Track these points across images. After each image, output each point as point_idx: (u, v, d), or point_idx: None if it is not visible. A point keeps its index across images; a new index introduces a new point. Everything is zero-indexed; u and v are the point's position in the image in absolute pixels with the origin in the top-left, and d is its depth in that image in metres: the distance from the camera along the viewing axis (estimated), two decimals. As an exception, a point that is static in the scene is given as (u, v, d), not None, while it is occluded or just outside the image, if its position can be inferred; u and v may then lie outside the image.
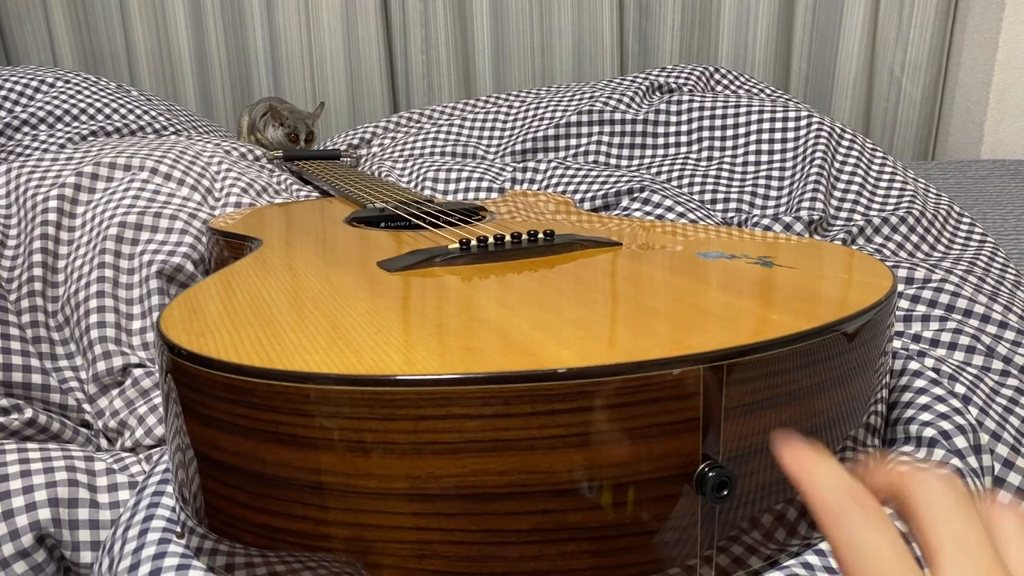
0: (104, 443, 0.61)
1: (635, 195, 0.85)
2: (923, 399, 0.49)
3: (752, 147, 0.98)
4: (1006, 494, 0.48)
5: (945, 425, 0.47)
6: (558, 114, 1.10)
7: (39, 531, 0.47)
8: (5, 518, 0.47)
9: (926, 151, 1.83)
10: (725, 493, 0.33)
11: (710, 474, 0.33)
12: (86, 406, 0.62)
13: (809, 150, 0.93)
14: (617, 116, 1.05)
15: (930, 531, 0.25)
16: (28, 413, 0.56)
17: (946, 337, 0.60)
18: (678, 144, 1.02)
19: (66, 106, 1.11)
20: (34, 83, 1.14)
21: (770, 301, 0.41)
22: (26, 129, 1.08)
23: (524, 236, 0.53)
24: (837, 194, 0.89)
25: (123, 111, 1.14)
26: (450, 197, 0.96)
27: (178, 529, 0.41)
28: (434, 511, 0.32)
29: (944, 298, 0.64)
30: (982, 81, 1.74)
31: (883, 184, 0.91)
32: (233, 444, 0.35)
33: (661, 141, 1.03)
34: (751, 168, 0.96)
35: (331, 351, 0.34)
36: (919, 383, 0.51)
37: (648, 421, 0.32)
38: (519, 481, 0.32)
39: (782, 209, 0.89)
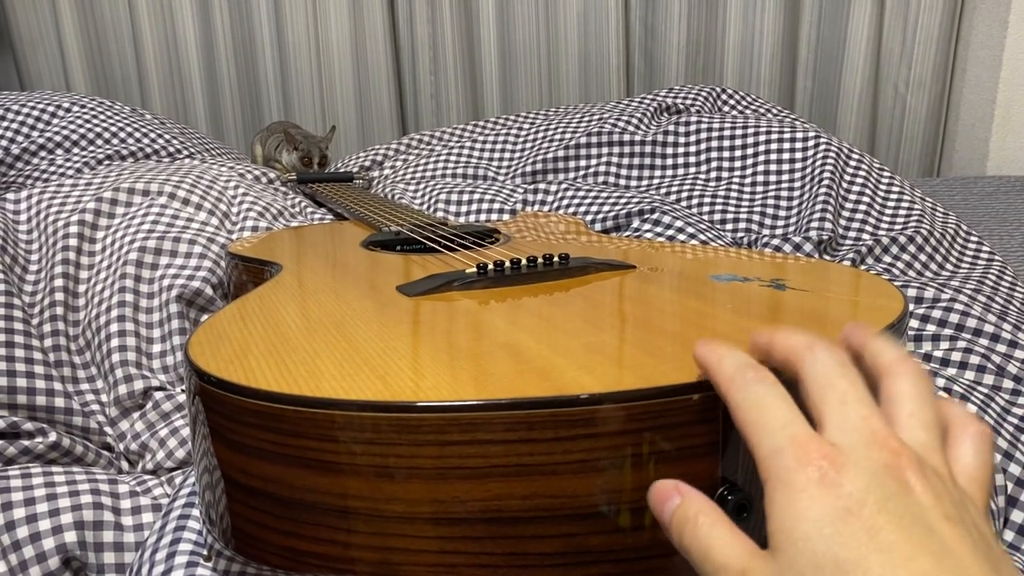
0: (125, 466, 0.62)
1: (646, 216, 0.86)
2: (935, 419, 0.50)
3: (761, 167, 0.99)
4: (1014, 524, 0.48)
5: (958, 445, 0.47)
6: (567, 136, 1.11)
7: (65, 553, 0.48)
8: (32, 541, 0.48)
9: (931, 168, 1.84)
10: (745, 515, 0.34)
11: (730, 497, 0.34)
12: (107, 429, 0.63)
13: (817, 170, 0.94)
14: (626, 137, 1.06)
15: (813, 392, 0.29)
16: (52, 436, 0.57)
17: (957, 357, 0.61)
18: (687, 165, 1.04)
19: (82, 131, 1.13)
20: (50, 108, 1.15)
21: (784, 325, 0.41)
22: (43, 154, 1.09)
23: (540, 260, 0.54)
24: (845, 214, 0.90)
25: (138, 135, 1.15)
26: (463, 219, 0.97)
27: (205, 552, 0.42)
28: (459, 535, 0.33)
29: (954, 318, 0.64)
30: (987, 98, 1.75)
31: (891, 204, 0.92)
32: (261, 469, 0.36)
33: (670, 162, 1.04)
34: (760, 188, 0.97)
35: (357, 377, 0.35)
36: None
37: (669, 445, 0.33)
38: (543, 505, 0.33)
39: (791, 229, 0.90)
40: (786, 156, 0.98)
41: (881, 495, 0.25)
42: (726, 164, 1.01)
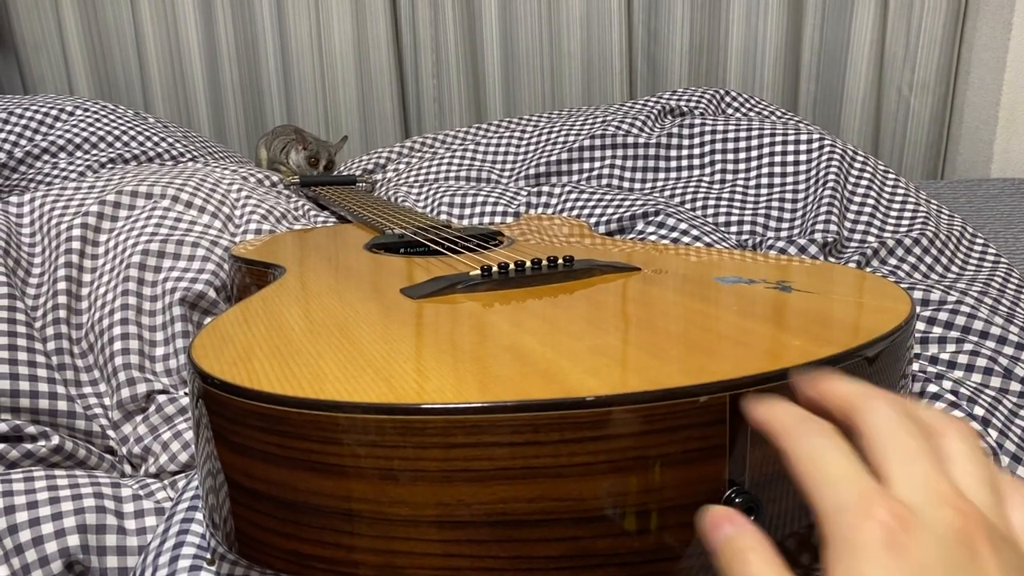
0: (128, 469, 0.61)
1: (650, 219, 0.86)
2: (943, 422, 0.49)
3: (765, 170, 0.99)
4: None
5: (965, 448, 0.47)
6: (571, 138, 1.11)
7: (68, 558, 0.48)
8: (35, 545, 0.48)
9: (935, 170, 1.84)
10: (752, 519, 0.34)
11: (737, 500, 0.34)
12: (110, 432, 0.63)
13: (822, 172, 0.94)
14: (630, 140, 1.06)
15: (876, 445, 0.27)
16: (55, 440, 0.57)
17: (963, 359, 0.61)
18: (691, 167, 1.03)
19: (85, 134, 1.13)
20: (54, 112, 1.15)
21: (791, 327, 0.41)
22: (46, 157, 1.09)
23: (544, 262, 0.54)
24: (850, 216, 0.90)
25: (141, 138, 1.15)
26: (466, 222, 0.97)
27: (208, 556, 0.42)
28: (464, 538, 0.33)
29: (960, 320, 0.64)
30: (991, 100, 1.74)
31: (896, 206, 0.92)
32: (265, 472, 0.35)
33: (674, 164, 1.04)
34: (764, 191, 0.97)
35: (361, 379, 0.35)
36: (938, 406, 0.51)
37: (675, 448, 0.33)
38: (548, 508, 0.32)
39: (796, 231, 0.90)
40: (790, 158, 0.98)
41: (950, 564, 0.23)
42: (730, 166, 1.01)
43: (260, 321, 0.45)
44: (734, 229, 0.92)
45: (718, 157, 1.02)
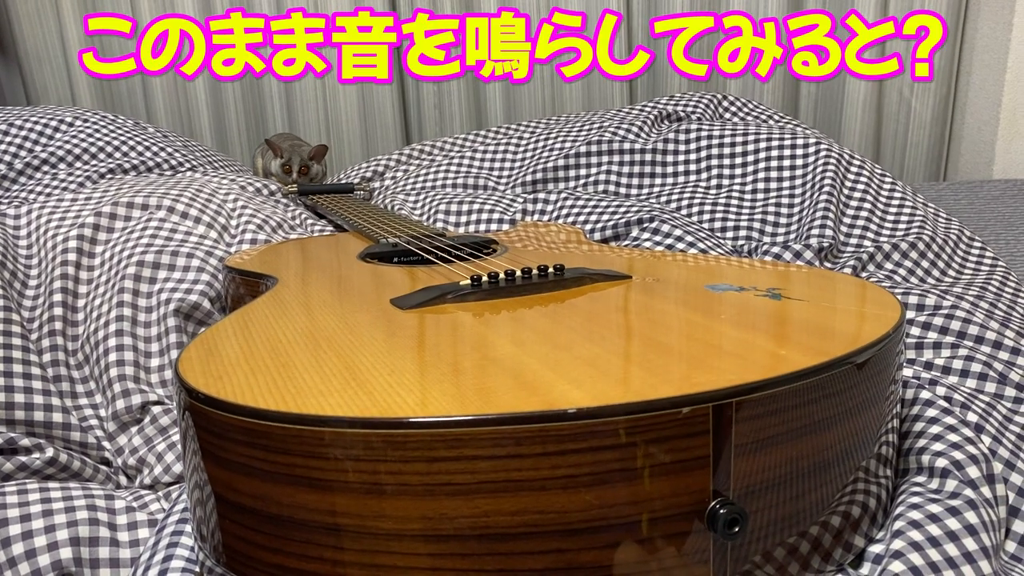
0: (123, 480, 0.62)
1: (644, 225, 0.86)
2: (935, 428, 0.49)
3: (761, 175, 0.98)
4: (1021, 523, 0.48)
5: (957, 455, 0.47)
6: (567, 144, 1.11)
7: (61, 570, 0.48)
8: (28, 558, 0.48)
9: (937, 172, 1.83)
10: (736, 530, 0.34)
11: (721, 511, 0.33)
12: (105, 444, 0.63)
13: (818, 177, 0.93)
14: (626, 146, 1.06)
15: None
16: (49, 452, 0.57)
17: (958, 364, 0.60)
18: (687, 172, 1.03)
19: (84, 144, 1.13)
20: (53, 123, 1.16)
21: (779, 336, 0.41)
22: (46, 168, 1.10)
23: (534, 271, 0.54)
24: (847, 221, 0.90)
25: (140, 148, 1.16)
26: (462, 229, 0.97)
27: (196, 569, 0.42)
28: (448, 551, 0.33)
29: (955, 325, 0.64)
30: (992, 101, 1.74)
31: (892, 210, 0.92)
32: (249, 486, 0.35)
33: (670, 170, 1.04)
34: (760, 196, 0.97)
35: (345, 393, 0.35)
36: (931, 412, 0.51)
37: (659, 459, 0.33)
38: (532, 521, 0.32)
39: (792, 236, 0.90)
40: (787, 163, 0.98)
41: None
42: (726, 172, 1.01)
43: (248, 333, 0.45)
44: (730, 234, 0.92)
45: (714, 162, 1.02)
